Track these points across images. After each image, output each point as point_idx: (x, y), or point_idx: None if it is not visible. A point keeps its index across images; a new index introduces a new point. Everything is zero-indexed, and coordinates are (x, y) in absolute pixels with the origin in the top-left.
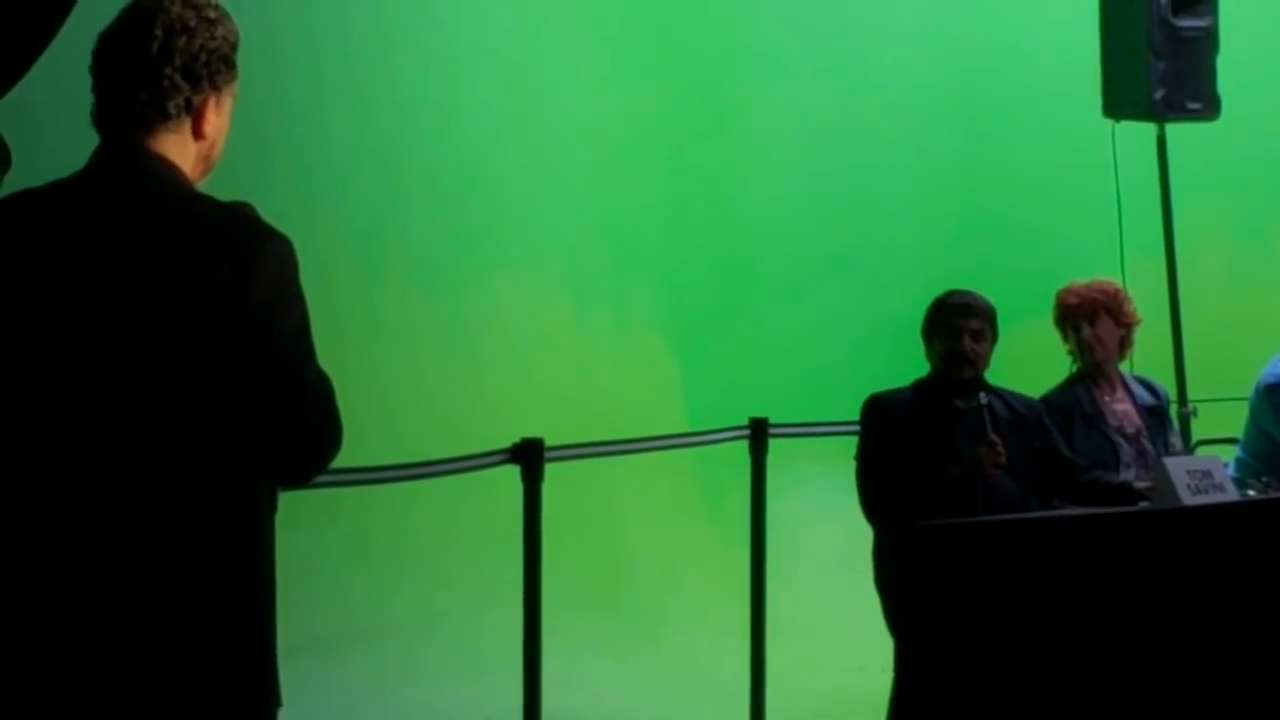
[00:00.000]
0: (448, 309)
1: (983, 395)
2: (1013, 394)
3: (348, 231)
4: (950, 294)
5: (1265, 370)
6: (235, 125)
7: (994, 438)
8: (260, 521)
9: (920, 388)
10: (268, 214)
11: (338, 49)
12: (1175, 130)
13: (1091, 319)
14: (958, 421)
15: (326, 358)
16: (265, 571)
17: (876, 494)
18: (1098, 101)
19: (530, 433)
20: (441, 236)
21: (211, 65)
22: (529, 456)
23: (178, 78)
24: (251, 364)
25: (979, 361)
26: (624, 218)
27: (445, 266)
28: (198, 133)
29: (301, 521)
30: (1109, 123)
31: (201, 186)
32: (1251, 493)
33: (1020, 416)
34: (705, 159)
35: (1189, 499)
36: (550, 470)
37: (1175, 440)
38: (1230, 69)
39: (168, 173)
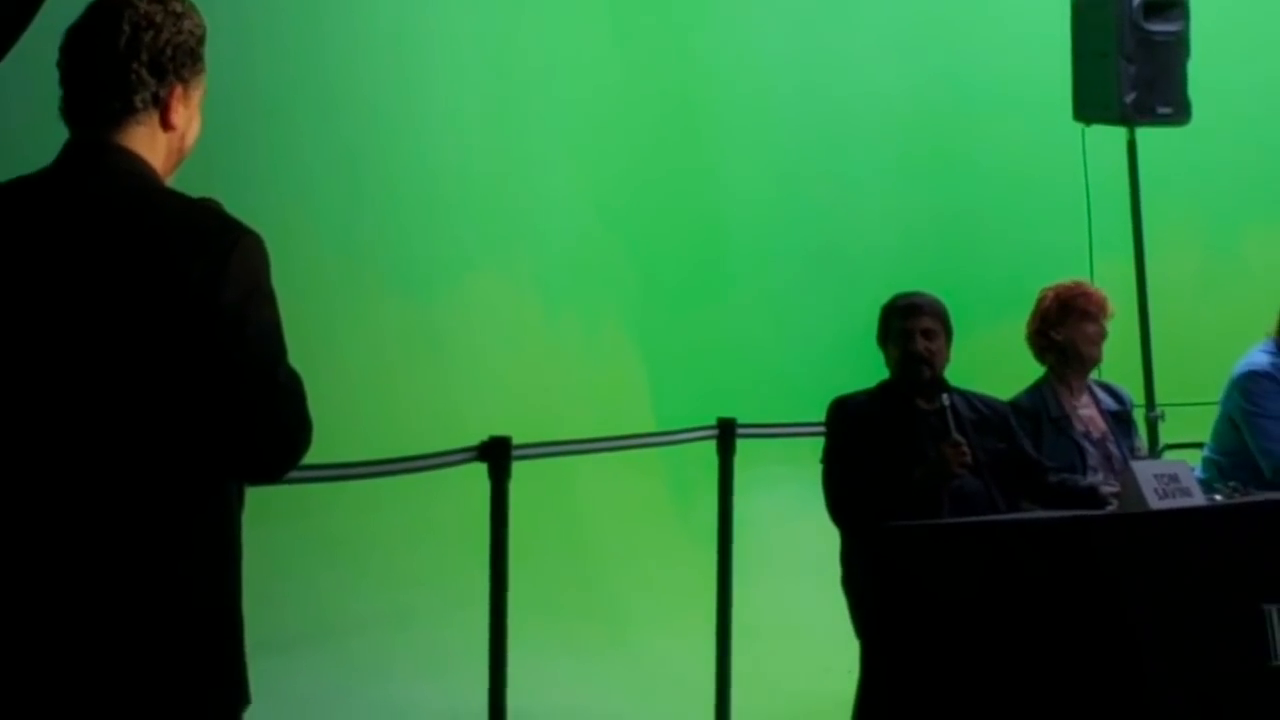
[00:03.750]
0: (417, 308)
1: (945, 396)
2: (976, 395)
3: (317, 231)
4: (896, 298)
5: (1240, 362)
6: (207, 124)
7: (958, 438)
8: (232, 521)
9: (883, 389)
10: (237, 211)
11: (308, 49)
12: (1145, 134)
13: (1096, 318)
14: (922, 422)
15: (295, 356)
16: (236, 570)
17: (843, 496)
18: (1068, 105)
19: (498, 431)
20: (410, 236)
21: (178, 59)
22: (496, 455)
23: (144, 72)
24: (224, 363)
25: (935, 359)
26: (593, 219)
27: (414, 266)
28: (166, 124)
29: (269, 518)
30: (1079, 126)
31: (172, 180)
32: (1218, 497)
33: (984, 416)
34: (675, 161)
35: (1156, 503)
36: (517, 469)
37: (1140, 445)
38: (1201, 74)
39: (137, 168)
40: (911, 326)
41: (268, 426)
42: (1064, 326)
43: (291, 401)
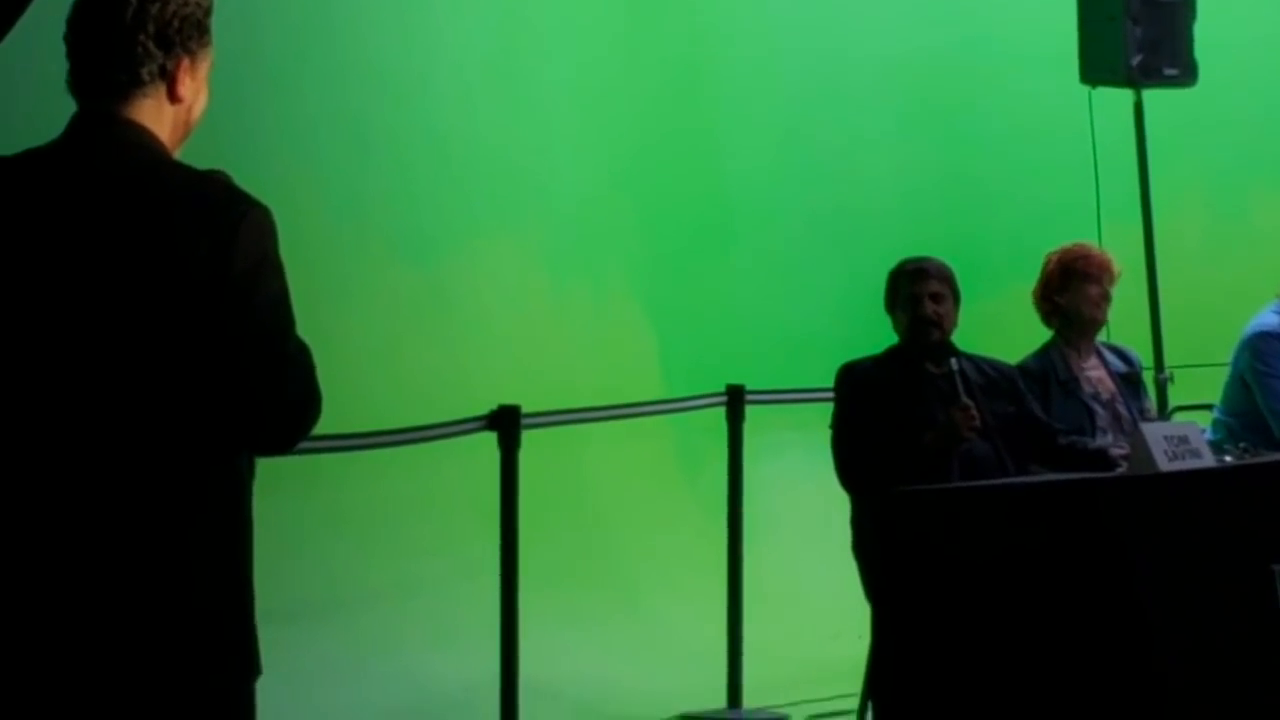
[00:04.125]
0: (425, 277)
1: (954, 360)
2: (984, 359)
3: (325, 199)
4: (904, 262)
5: (1250, 323)
6: (215, 95)
7: (967, 401)
8: (242, 493)
9: (891, 354)
10: (244, 181)
11: (314, 17)
12: (1152, 96)
13: (1099, 280)
14: (930, 386)
15: (303, 325)
16: (247, 542)
17: (853, 462)
18: (1075, 68)
19: (507, 400)
20: (418, 205)
21: (185, 31)
22: (505, 423)
23: (151, 44)
24: (233, 335)
25: (944, 323)
26: (601, 186)
27: (422, 235)
28: (173, 97)
29: (279, 489)
30: (1086, 89)
31: (180, 152)
32: (1228, 458)
33: (992, 380)
34: (682, 127)
35: (1166, 465)
36: (527, 437)
37: (1149, 406)
38: (1207, 35)
39: (145, 140)
40: (920, 291)
41: (276, 398)
42: (1067, 290)
43: (300, 373)
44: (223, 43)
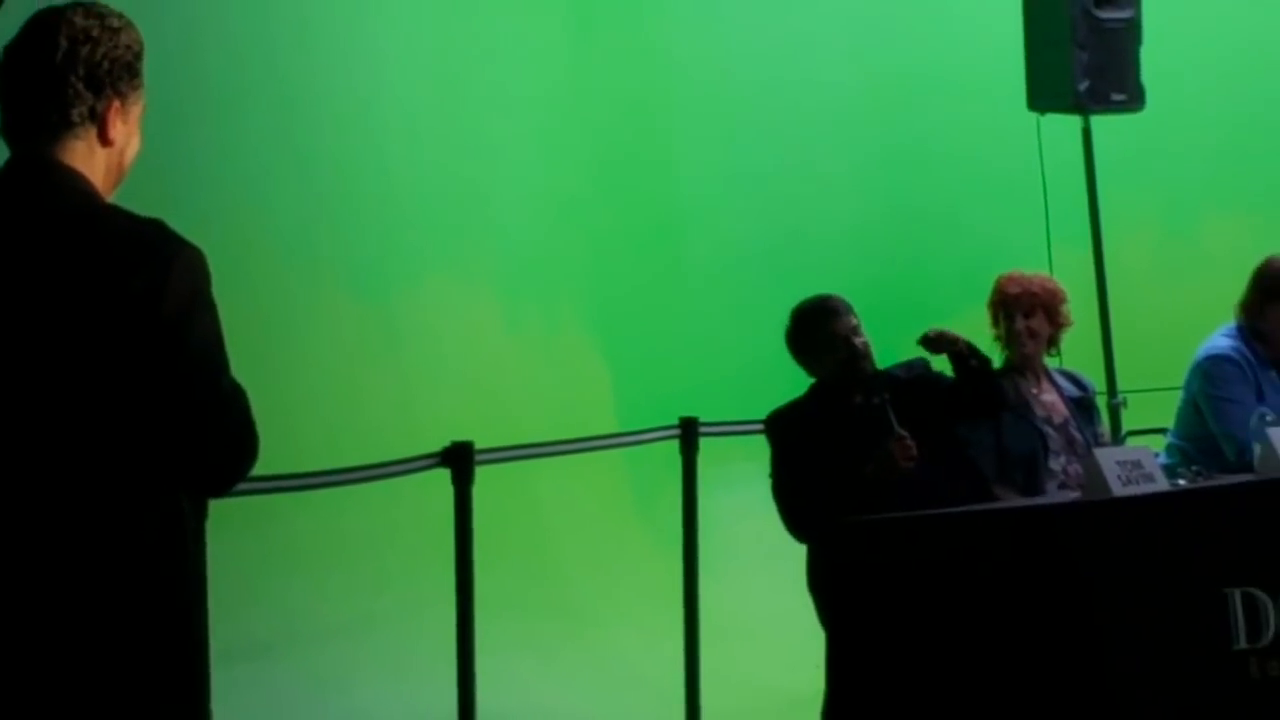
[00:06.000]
0: (376, 312)
1: (884, 393)
2: (895, 366)
3: (274, 234)
4: (806, 306)
5: (1202, 346)
6: (159, 125)
7: (902, 432)
8: (182, 532)
9: (816, 393)
10: (191, 218)
11: (260, 53)
12: (1100, 122)
13: (1028, 312)
14: (862, 416)
15: (255, 362)
16: (188, 583)
17: (797, 505)
18: (1023, 95)
19: (460, 436)
20: (368, 239)
21: (115, 73)
22: (459, 460)
23: (81, 86)
24: (167, 375)
25: (870, 352)
26: (552, 219)
27: (373, 270)
28: (104, 139)
29: (234, 527)
30: (1034, 116)
31: (115, 196)
32: (1182, 482)
33: (908, 384)
34: (633, 159)
35: (1120, 489)
36: (481, 473)
37: (1102, 431)
38: (1153, 59)
39: (78, 184)
40: (841, 327)
41: (213, 437)
42: (998, 323)
43: (235, 412)
44: (167, 75)
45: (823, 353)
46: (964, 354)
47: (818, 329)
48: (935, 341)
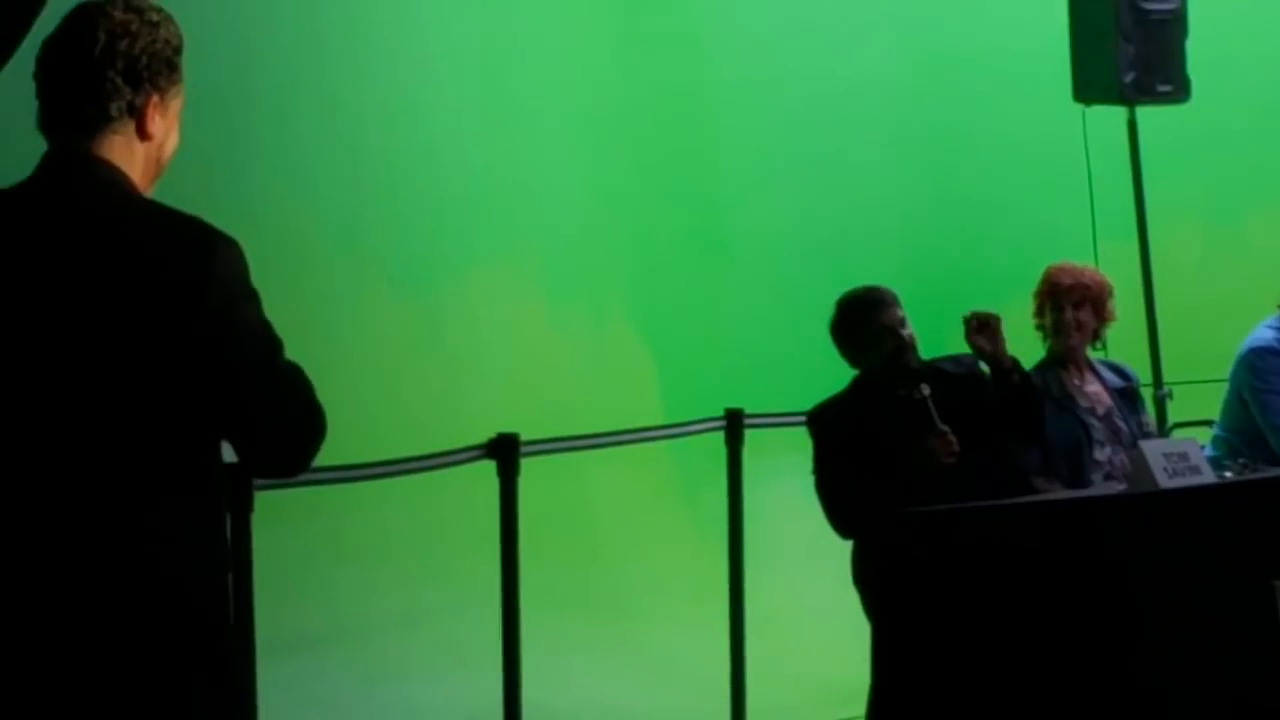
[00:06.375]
0: (421, 306)
1: (925, 386)
2: (944, 359)
3: (320, 229)
4: (853, 296)
5: (1246, 338)
6: (207, 123)
7: (943, 428)
8: (219, 524)
9: (859, 387)
10: (239, 212)
11: (307, 47)
12: (1146, 113)
13: (1078, 304)
14: (904, 410)
15: (300, 357)
16: (225, 576)
17: (841, 507)
18: (1068, 86)
19: (506, 428)
20: (414, 233)
21: (153, 67)
22: (504, 452)
23: (119, 80)
24: (219, 364)
25: (916, 344)
26: (596, 211)
27: (418, 263)
28: (142, 134)
29: (280, 521)
30: (1080, 107)
31: (153, 191)
32: (1228, 474)
33: (956, 379)
34: (677, 151)
35: (1166, 482)
36: (526, 465)
37: (1148, 420)
38: (1199, 50)
39: (115, 178)
40: (890, 319)
41: (274, 418)
42: (1045, 312)
43: (295, 389)
44: (214, 72)
45: (868, 344)
46: (1007, 369)
47: (864, 320)
48: (979, 329)
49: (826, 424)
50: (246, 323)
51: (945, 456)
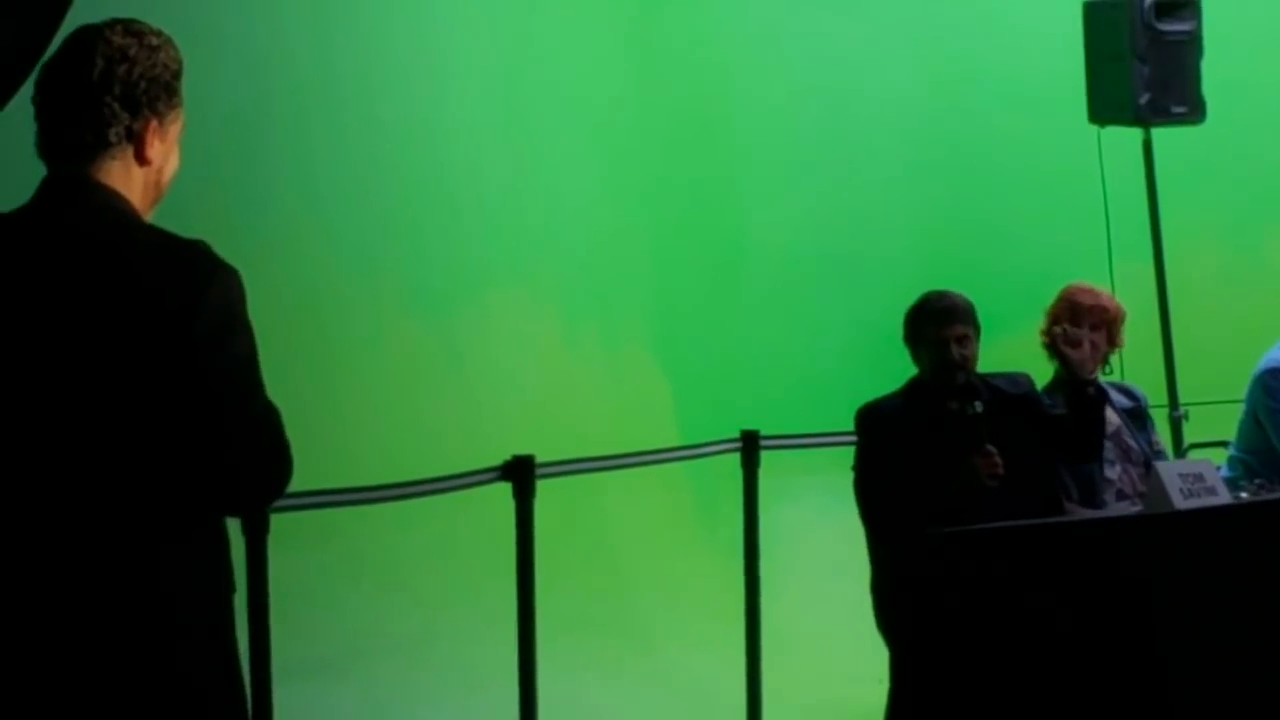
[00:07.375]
0: (438, 328)
1: (979, 404)
2: (1000, 376)
3: (337, 251)
4: (927, 299)
5: (1263, 358)
6: (221, 145)
7: (990, 449)
8: (219, 550)
9: (912, 389)
10: (254, 233)
11: (322, 68)
12: (1161, 134)
13: (1095, 325)
14: (952, 423)
15: (316, 377)
16: (226, 602)
17: (877, 504)
18: (1083, 107)
19: (522, 450)
20: (430, 256)
21: (151, 92)
22: (520, 474)
23: (117, 106)
24: (197, 393)
25: (968, 364)
26: (612, 234)
27: (435, 286)
28: (141, 159)
29: (295, 543)
30: (1095, 128)
31: (153, 215)
32: (1244, 495)
33: (1011, 399)
34: (692, 173)
35: (1181, 503)
36: (542, 487)
37: (1158, 439)
38: (1214, 72)
39: (114, 203)
40: (946, 335)
41: (242, 457)
42: (1059, 321)
43: (266, 432)
44: (231, 98)
45: (921, 350)
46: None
47: (925, 326)
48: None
49: (874, 423)
50: (230, 357)
51: (989, 479)
